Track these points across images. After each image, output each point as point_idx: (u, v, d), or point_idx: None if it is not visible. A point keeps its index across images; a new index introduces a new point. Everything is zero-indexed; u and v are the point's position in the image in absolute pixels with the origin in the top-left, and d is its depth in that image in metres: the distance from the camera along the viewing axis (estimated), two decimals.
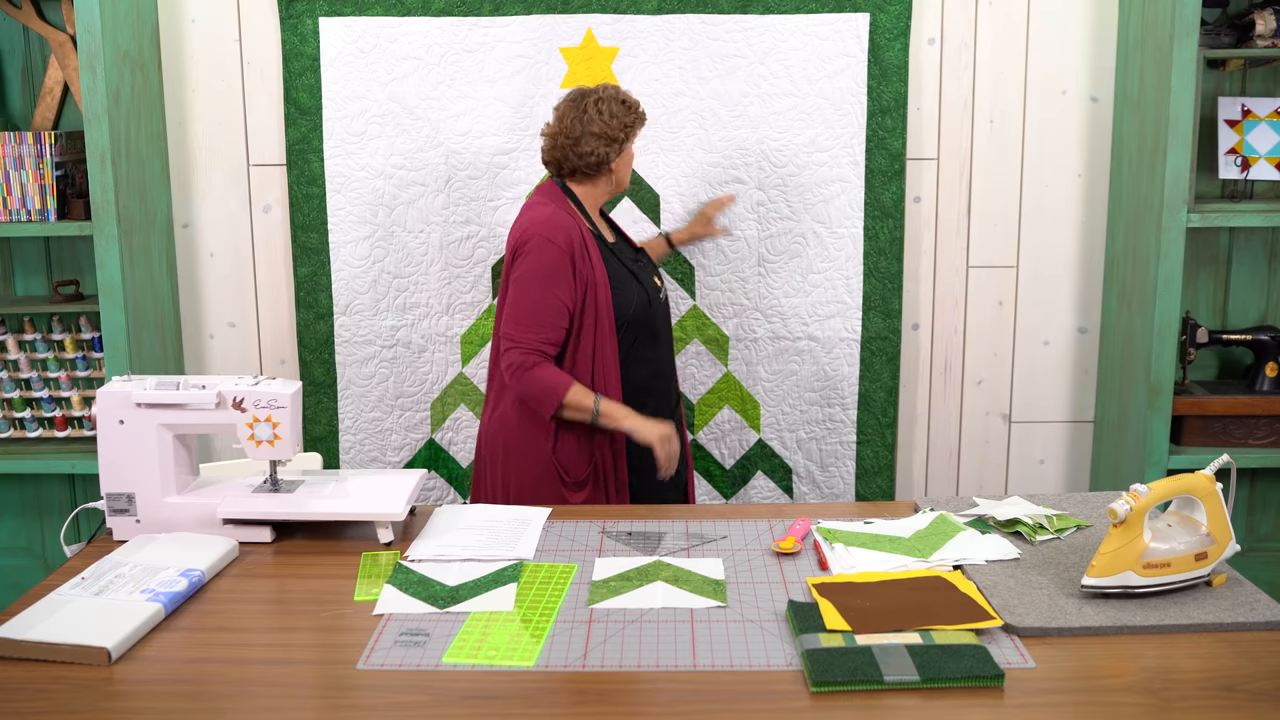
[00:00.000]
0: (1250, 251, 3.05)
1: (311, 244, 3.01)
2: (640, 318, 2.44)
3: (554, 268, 2.31)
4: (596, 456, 2.41)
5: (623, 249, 2.53)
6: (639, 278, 2.47)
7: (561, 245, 2.32)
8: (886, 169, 2.97)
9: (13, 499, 3.13)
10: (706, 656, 1.48)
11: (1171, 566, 1.60)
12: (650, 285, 2.50)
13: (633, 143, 2.47)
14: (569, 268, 2.32)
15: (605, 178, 2.46)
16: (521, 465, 2.40)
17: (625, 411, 2.34)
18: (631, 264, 2.48)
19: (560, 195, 2.45)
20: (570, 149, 2.40)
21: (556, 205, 2.41)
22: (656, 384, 2.51)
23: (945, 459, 3.21)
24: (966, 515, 1.96)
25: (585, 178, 2.45)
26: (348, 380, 3.07)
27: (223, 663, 1.49)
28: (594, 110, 2.39)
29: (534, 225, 2.35)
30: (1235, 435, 2.89)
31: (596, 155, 2.40)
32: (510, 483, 2.42)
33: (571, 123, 2.40)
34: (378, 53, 2.93)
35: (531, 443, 2.38)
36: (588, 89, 2.45)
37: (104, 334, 2.76)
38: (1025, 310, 3.13)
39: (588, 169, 2.42)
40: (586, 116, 2.39)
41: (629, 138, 2.43)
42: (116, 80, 2.72)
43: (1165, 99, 2.66)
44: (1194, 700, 1.37)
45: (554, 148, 2.44)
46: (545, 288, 2.32)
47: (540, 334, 2.31)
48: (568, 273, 2.32)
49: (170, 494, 1.90)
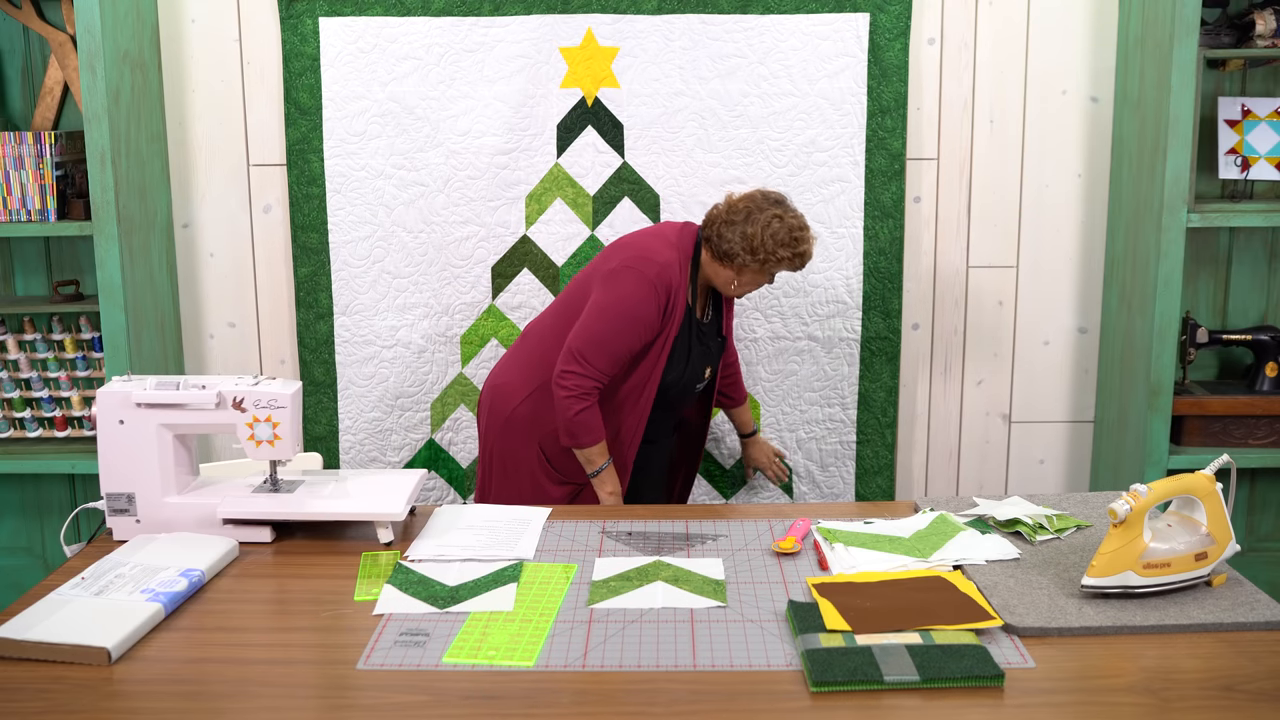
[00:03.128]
0: (1250, 251, 3.05)
1: (311, 244, 3.01)
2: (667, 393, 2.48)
3: (644, 312, 2.35)
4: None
5: (707, 331, 2.54)
6: (693, 360, 2.49)
7: (660, 296, 2.35)
8: (886, 169, 2.97)
9: (13, 499, 3.13)
10: (706, 656, 1.48)
11: (1171, 566, 1.60)
12: (696, 373, 2.52)
13: (768, 276, 2.43)
14: (656, 319, 2.36)
15: (728, 272, 2.42)
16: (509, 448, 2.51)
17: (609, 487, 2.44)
18: (697, 346, 2.49)
19: (689, 250, 2.45)
20: (724, 226, 2.39)
21: (679, 255, 2.42)
22: (658, 436, 2.60)
23: (945, 459, 3.21)
24: (966, 515, 1.96)
25: (714, 256, 2.43)
26: (348, 380, 3.07)
27: (223, 663, 1.49)
28: (765, 220, 2.35)
29: (649, 262, 2.37)
30: (1235, 435, 2.89)
31: (731, 252, 2.38)
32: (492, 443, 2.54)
33: (745, 212, 2.38)
34: (378, 53, 2.93)
35: (529, 429, 2.48)
36: (787, 203, 2.42)
37: (104, 334, 2.76)
38: (1025, 310, 3.13)
39: (718, 253, 2.41)
40: (754, 219, 2.36)
41: (765, 268, 2.39)
42: (116, 80, 2.72)
43: (1165, 99, 2.66)
44: (1194, 700, 1.37)
45: (718, 214, 2.42)
46: (628, 326, 2.35)
47: (606, 368, 2.36)
48: (654, 322, 2.36)
49: (170, 494, 1.90)
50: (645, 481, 2.63)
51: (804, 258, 2.39)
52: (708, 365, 2.55)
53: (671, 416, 2.62)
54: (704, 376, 2.55)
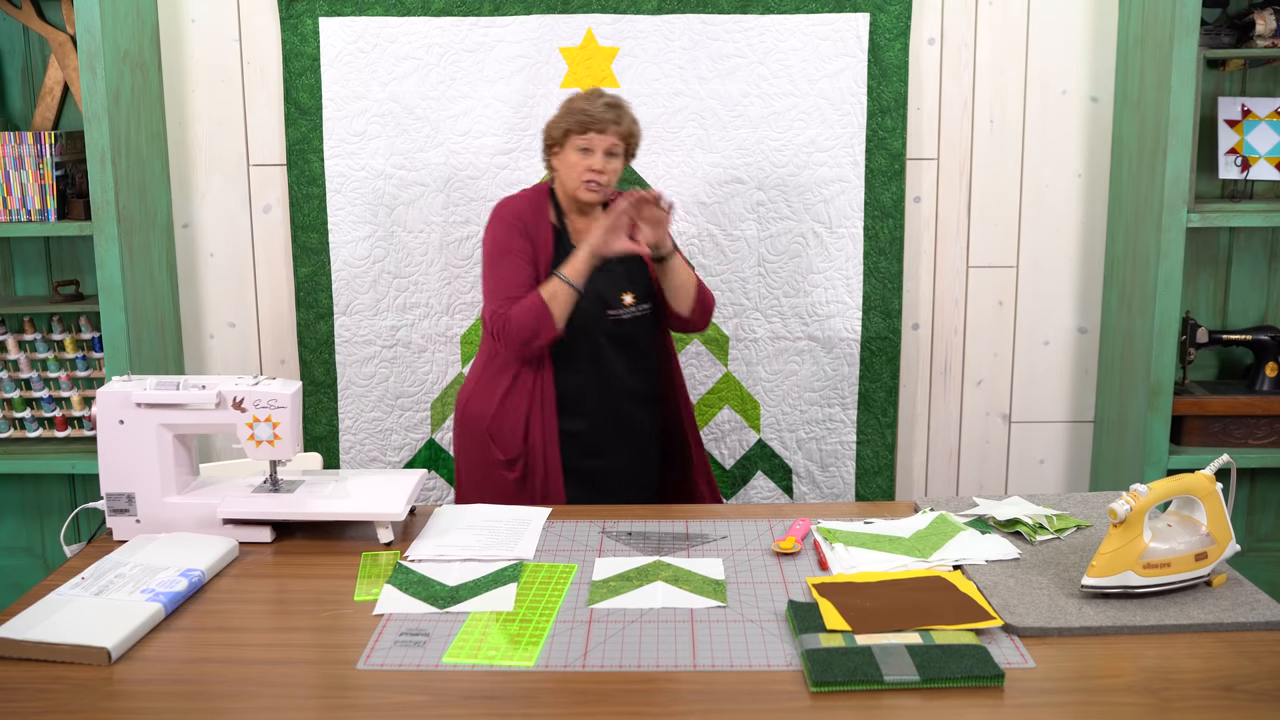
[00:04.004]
0: (1250, 251, 3.05)
1: (311, 244, 3.01)
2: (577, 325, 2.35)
3: (503, 238, 2.36)
4: (529, 440, 2.39)
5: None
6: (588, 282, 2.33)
7: (507, 218, 2.37)
8: (886, 169, 2.97)
9: (13, 499, 3.13)
10: (706, 656, 1.48)
11: (1171, 566, 1.60)
12: (606, 299, 2.38)
13: (573, 149, 2.35)
14: (519, 234, 2.35)
15: (558, 169, 2.40)
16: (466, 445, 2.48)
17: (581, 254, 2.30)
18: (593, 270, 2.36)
19: (545, 187, 2.47)
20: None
21: (531, 191, 2.45)
22: (590, 401, 2.41)
23: (945, 459, 3.21)
24: (966, 515, 1.96)
25: (548, 168, 2.45)
26: (348, 380, 3.07)
27: (223, 663, 1.49)
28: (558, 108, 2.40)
29: (498, 204, 2.42)
30: (1235, 435, 2.89)
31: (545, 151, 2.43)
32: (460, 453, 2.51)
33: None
34: (378, 53, 2.93)
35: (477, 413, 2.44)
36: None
37: (104, 334, 2.76)
38: (1025, 310, 3.13)
39: (546, 164, 2.44)
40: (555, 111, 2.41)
41: (560, 142, 2.36)
42: (116, 80, 2.72)
43: (1165, 99, 2.66)
44: (1194, 700, 1.37)
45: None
46: (499, 256, 2.36)
47: (506, 293, 2.33)
48: (518, 237, 2.35)
49: (170, 494, 1.90)
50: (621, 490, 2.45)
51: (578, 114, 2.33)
52: (623, 290, 2.41)
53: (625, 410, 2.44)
54: (622, 302, 2.41)
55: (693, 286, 2.46)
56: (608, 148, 2.35)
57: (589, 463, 2.43)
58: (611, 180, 2.38)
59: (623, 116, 2.37)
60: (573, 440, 2.41)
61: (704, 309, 2.51)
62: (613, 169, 2.37)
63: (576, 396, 2.42)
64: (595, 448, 2.44)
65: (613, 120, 2.34)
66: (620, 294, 2.42)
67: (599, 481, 2.43)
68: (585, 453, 2.43)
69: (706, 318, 2.53)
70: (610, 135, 2.34)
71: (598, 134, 2.33)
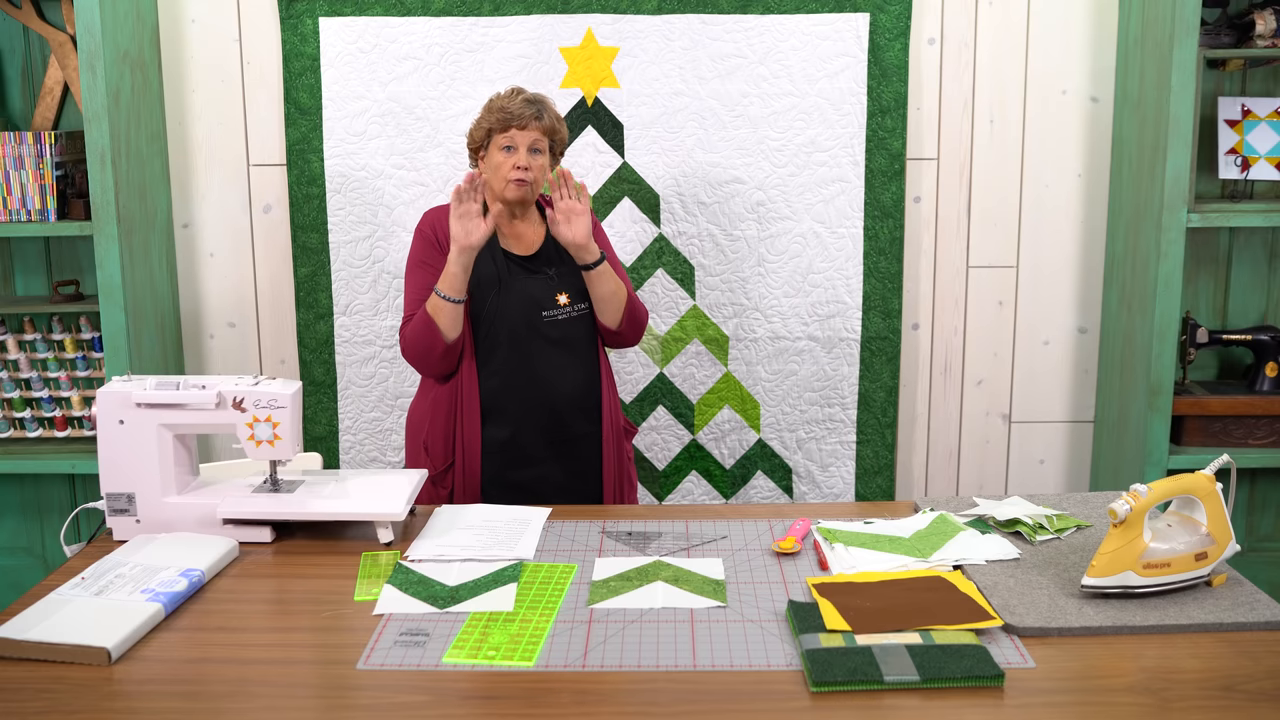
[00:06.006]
0: (1250, 251, 3.05)
1: (311, 244, 3.01)
2: (500, 326, 2.30)
3: (414, 251, 2.35)
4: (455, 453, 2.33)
5: (536, 260, 2.35)
6: (513, 286, 2.30)
7: (424, 230, 2.35)
8: (886, 169, 2.97)
9: (13, 499, 3.13)
10: (706, 656, 1.48)
11: (1171, 566, 1.60)
12: (538, 297, 2.32)
13: (496, 149, 2.29)
14: (433, 246, 2.33)
15: (487, 171, 2.34)
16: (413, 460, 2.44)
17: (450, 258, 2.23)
18: (521, 275, 2.32)
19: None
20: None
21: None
22: (515, 406, 2.32)
23: (945, 459, 3.21)
24: (966, 515, 1.96)
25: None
26: (348, 380, 3.07)
27: (223, 663, 1.49)
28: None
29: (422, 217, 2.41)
30: (1235, 435, 2.89)
31: (471, 157, 2.40)
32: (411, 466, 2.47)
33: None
34: (378, 53, 2.93)
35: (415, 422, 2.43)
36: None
37: (104, 334, 2.76)
38: (1025, 310, 3.13)
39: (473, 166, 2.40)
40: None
41: (484, 144, 2.32)
42: (116, 80, 2.72)
43: (1165, 99, 2.66)
44: (1194, 700, 1.37)
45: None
46: (408, 273, 2.36)
47: (408, 311, 2.32)
48: (431, 249, 2.33)
49: (170, 494, 1.90)
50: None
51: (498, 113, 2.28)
52: (558, 292, 2.33)
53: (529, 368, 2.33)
54: (557, 303, 2.32)
55: (622, 299, 2.36)
56: (531, 143, 2.29)
57: (520, 473, 2.33)
58: (538, 177, 2.31)
59: (544, 111, 2.31)
60: (500, 449, 2.32)
61: (634, 323, 2.40)
62: (538, 165, 2.31)
63: (502, 402, 2.32)
64: (526, 456, 2.33)
65: (534, 115, 2.29)
66: (555, 294, 2.34)
67: (532, 493, 2.31)
68: (515, 462, 2.33)
69: (638, 332, 2.43)
70: (532, 130, 2.29)
71: (519, 130, 2.28)
